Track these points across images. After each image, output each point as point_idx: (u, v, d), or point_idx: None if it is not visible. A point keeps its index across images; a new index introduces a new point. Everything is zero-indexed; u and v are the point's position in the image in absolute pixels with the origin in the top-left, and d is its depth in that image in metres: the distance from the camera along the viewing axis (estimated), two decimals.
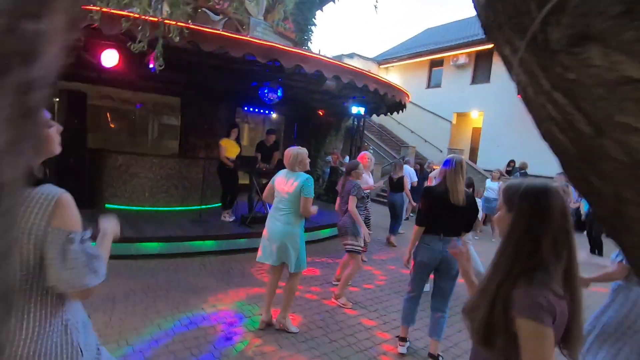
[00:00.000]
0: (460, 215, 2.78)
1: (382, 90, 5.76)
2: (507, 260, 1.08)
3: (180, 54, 4.97)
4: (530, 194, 1.10)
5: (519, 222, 1.09)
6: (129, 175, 6.10)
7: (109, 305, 3.29)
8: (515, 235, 1.09)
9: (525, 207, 1.09)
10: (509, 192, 1.17)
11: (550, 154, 1.99)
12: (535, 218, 1.07)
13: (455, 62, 14.75)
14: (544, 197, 1.08)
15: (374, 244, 6.51)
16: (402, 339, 3.04)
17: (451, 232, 2.81)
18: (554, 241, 1.04)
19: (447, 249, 1.55)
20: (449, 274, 2.82)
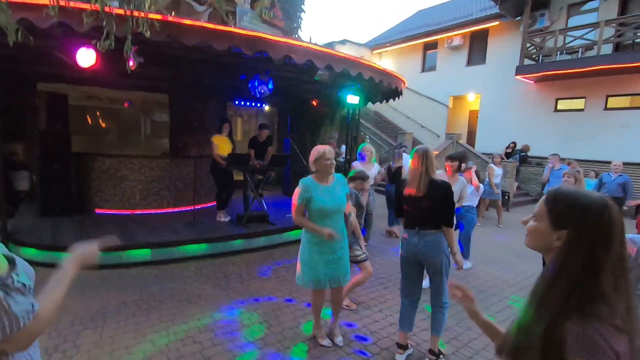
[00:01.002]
0: (432, 207, 2.63)
1: (377, 78, 5.50)
2: (560, 295, 0.87)
3: (163, 48, 4.70)
4: (595, 212, 0.88)
5: (578, 247, 0.87)
6: (118, 179, 5.88)
7: (99, 321, 3.12)
8: (572, 263, 0.87)
9: (587, 227, 0.87)
10: (559, 203, 0.94)
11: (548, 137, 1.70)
12: (599, 242, 0.86)
13: (450, 44, 14.40)
14: (609, 216, 0.87)
15: (375, 237, 6.36)
16: (400, 345, 2.88)
17: (426, 224, 2.68)
18: (614, 271, 0.84)
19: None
20: (433, 267, 2.72)
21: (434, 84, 15.12)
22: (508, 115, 12.61)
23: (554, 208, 0.95)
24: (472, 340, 3.17)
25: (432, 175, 2.66)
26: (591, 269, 0.85)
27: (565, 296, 0.86)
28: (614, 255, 0.84)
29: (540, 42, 11.22)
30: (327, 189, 2.73)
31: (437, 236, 2.68)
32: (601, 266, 0.84)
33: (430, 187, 2.62)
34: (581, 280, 0.85)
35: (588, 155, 10.49)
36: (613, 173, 6.37)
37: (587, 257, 0.86)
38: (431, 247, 2.66)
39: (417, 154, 2.71)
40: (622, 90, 10.13)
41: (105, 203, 5.90)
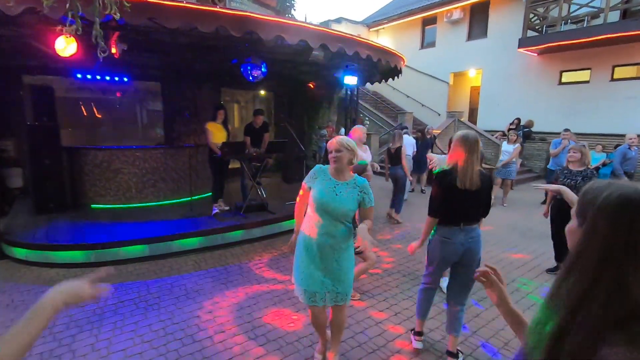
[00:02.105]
0: (479, 200, 2.45)
1: (376, 57, 5.24)
2: (569, 299, 0.72)
3: (148, 34, 4.46)
4: (615, 203, 0.71)
5: (593, 245, 0.72)
6: (112, 172, 5.72)
7: (95, 323, 3.02)
8: (585, 265, 0.72)
9: (604, 222, 0.71)
10: (586, 196, 0.79)
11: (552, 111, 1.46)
12: (619, 240, 0.69)
13: (449, 18, 13.89)
14: (634, 208, 0.70)
15: (376, 222, 6.23)
16: (417, 332, 2.79)
17: (472, 220, 2.49)
18: None
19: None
20: (471, 265, 2.48)
21: (433, 60, 14.69)
22: (511, 91, 12.27)
23: (580, 202, 0.80)
24: (480, 329, 3.07)
25: (478, 166, 2.41)
26: (611, 271, 0.69)
27: (578, 300, 0.70)
28: None
29: (543, 12, 10.78)
30: (334, 184, 2.25)
31: (479, 230, 2.53)
32: (625, 269, 0.68)
33: (481, 180, 2.39)
34: (598, 283, 0.69)
35: (594, 128, 10.23)
36: (631, 148, 6.16)
37: (602, 256, 0.70)
38: (476, 243, 2.49)
39: (467, 143, 2.34)
40: (629, 60, 9.77)
41: (100, 198, 5.76)
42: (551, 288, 0.78)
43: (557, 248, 4.15)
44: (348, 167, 2.29)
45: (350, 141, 2.27)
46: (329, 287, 2.28)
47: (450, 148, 2.48)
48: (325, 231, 2.23)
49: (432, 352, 2.75)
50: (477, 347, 2.83)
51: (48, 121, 5.33)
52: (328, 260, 2.26)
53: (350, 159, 2.27)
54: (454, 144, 2.43)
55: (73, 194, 5.75)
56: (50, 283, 3.70)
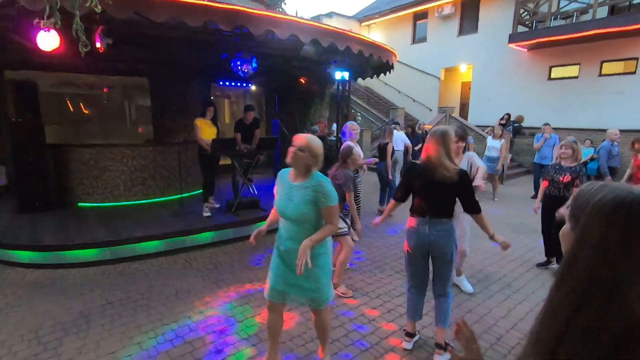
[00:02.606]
0: (450, 194, 2.44)
1: (367, 52, 5.19)
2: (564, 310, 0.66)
3: (135, 28, 4.34)
4: (608, 206, 0.67)
5: (587, 250, 0.66)
6: (99, 170, 5.59)
7: (82, 325, 2.95)
8: (579, 271, 0.66)
9: (597, 225, 0.66)
10: (578, 199, 0.75)
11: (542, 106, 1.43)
12: (615, 244, 0.63)
13: (440, 13, 13.89)
14: (629, 210, 0.65)
15: (368, 217, 6.22)
16: (408, 334, 2.78)
17: (440, 213, 2.48)
18: None
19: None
20: (443, 259, 2.53)
21: (425, 56, 14.69)
22: (501, 86, 12.35)
23: (573, 206, 0.76)
24: (472, 325, 3.08)
25: (451, 160, 2.41)
26: (607, 278, 0.64)
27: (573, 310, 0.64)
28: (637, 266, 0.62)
29: (533, 8, 10.84)
30: (290, 187, 2.13)
31: (449, 225, 2.50)
32: (622, 275, 0.62)
33: (452, 174, 2.38)
34: (594, 292, 0.64)
35: (582, 123, 10.36)
36: (613, 142, 6.22)
37: (598, 262, 0.64)
38: (444, 237, 2.48)
39: (434, 137, 2.42)
40: (616, 55, 9.90)
41: (87, 196, 5.64)
42: (546, 301, 0.72)
43: (547, 243, 4.19)
44: (310, 168, 2.11)
45: (320, 148, 2.11)
46: (300, 291, 2.22)
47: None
48: (289, 235, 2.16)
49: (425, 350, 2.75)
50: None
51: (32, 117, 5.17)
52: (288, 255, 2.18)
53: (309, 165, 2.08)
54: (426, 139, 2.51)
55: (59, 192, 5.61)
56: (35, 285, 3.61)
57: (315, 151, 2.07)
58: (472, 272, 4.11)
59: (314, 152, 2.07)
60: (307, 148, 2.06)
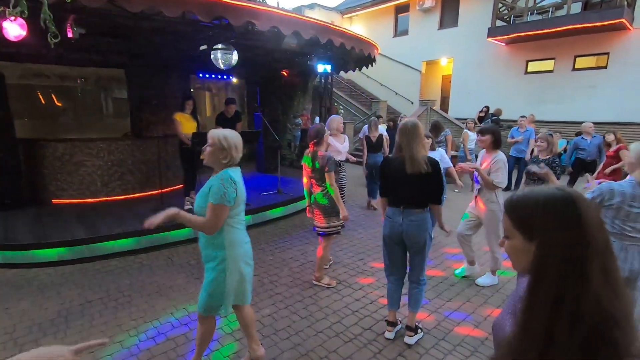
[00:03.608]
0: (421, 185, 2.51)
1: (349, 45, 5.18)
2: (546, 314, 0.70)
3: (109, 17, 4.18)
4: (557, 207, 0.74)
5: (553, 255, 0.72)
6: (74, 165, 5.40)
7: (61, 325, 2.87)
8: (554, 271, 0.71)
9: (555, 228, 0.73)
10: (519, 210, 0.79)
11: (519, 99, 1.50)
12: (575, 236, 0.71)
13: (422, 5, 13.97)
14: (573, 204, 0.73)
15: (354, 210, 6.28)
16: (389, 323, 2.85)
17: (413, 204, 2.57)
18: (604, 266, 0.69)
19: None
20: (415, 248, 2.64)
21: (406, 49, 14.78)
22: (480, 79, 12.58)
23: (516, 218, 0.81)
24: (453, 312, 3.17)
25: (421, 152, 2.51)
26: (577, 267, 0.69)
27: (555, 311, 0.69)
28: (598, 250, 0.70)
29: (511, 2, 11.04)
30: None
31: (422, 215, 2.58)
32: (586, 262, 0.69)
33: (420, 165, 2.46)
34: (569, 285, 0.69)
35: (558, 116, 10.70)
36: (586, 135, 6.38)
37: (566, 265, 0.70)
38: (416, 227, 2.57)
39: (405, 129, 2.51)
40: (589, 50, 10.23)
41: (62, 192, 5.44)
42: (519, 314, 0.76)
43: None
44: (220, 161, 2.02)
45: (231, 139, 2.00)
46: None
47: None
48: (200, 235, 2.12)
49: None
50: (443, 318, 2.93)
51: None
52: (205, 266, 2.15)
53: (220, 158, 1.99)
54: (397, 133, 2.58)
55: (32, 189, 5.40)
56: (9, 285, 3.49)
57: (221, 143, 1.97)
58: (452, 261, 4.23)
59: (221, 145, 1.98)
60: (213, 143, 1.99)
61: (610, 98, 9.87)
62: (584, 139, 6.38)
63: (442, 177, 2.60)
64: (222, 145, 1.98)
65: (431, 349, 2.68)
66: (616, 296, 0.68)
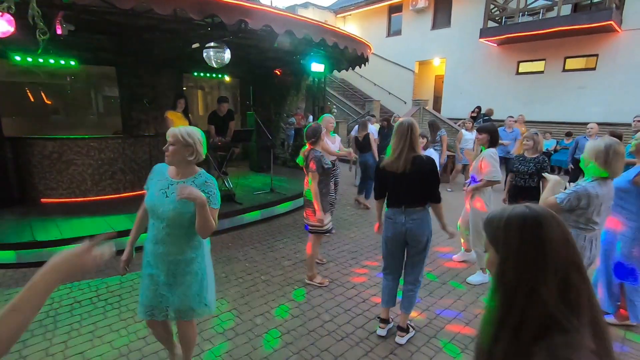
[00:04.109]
0: (417, 184, 2.53)
1: (342, 44, 5.18)
2: (504, 324, 0.78)
3: (100, 14, 4.13)
4: (515, 224, 0.81)
5: (508, 266, 0.80)
6: (64, 164, 5.33)
7: (49, 326, 2.84)
8: (507, 285, 0.79)
9: (512, 243, 0.80)
10: (491, 227, 0.87)
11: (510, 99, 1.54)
12: (528, 256, 0.77)
13: (415, 6, 14.04)
14: (534, 225, 0.79)
15: (346, 210, 6.30)
16: (382, 320, 2.86)
17: (413, 202, 2.58)
18: (564, 285, 0.74)
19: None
20: (417, 247, 2.64)
21: (399, 49, 14.84)
22: (472, 80, 12.69)
23: (488, 234, 0.88)
24: (444, 310, 3.20)
25: (417, 151, 2.52)
26: (529, 287, 0.76)
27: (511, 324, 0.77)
28: (557, 267, 0.75)
29: (503, 4, 11.15)
30: (169, 184, 1.91)
31: (423, 214, 2.59)
32: (540, 283, 0.75)
33: (415, 164, 2.47)
34: (520, 301, 0.76)
35: (547, 116, 10.84)
36: (588, 136, 6.47)
37: (519, 276, 0.78)
38: (418, 225, 2.57)
39: (400, 129, 2.51)
40: (579, 52, 10.38)
41: (51, 191, 5.36)
42: (483, 317, 0.85)
43: None
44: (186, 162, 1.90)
45: (193, 134, 1.88)
46: (169, 301, 1.97)
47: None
48: (158, 238, 1.91)
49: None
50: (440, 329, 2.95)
51: None
52: (165, 272, 1.94)
53: (185, 156, 1.87)
54: (392, 133, 2.58)
55: (20, 187, 5.31)
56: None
57: (184, 139, 1.85)
58: (443, 260, 4.26)
59: (185, 141, 1.85)
60: (177, 140, 1.85)
61: (599, 99, 10.02)
62: (586, 138, 6.49)
63: (437, 175, 2.60)
64: (187, 141, 1.84)
65: (423, 347, 2.70)
66: (572, 312, 0.73)
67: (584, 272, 0.78)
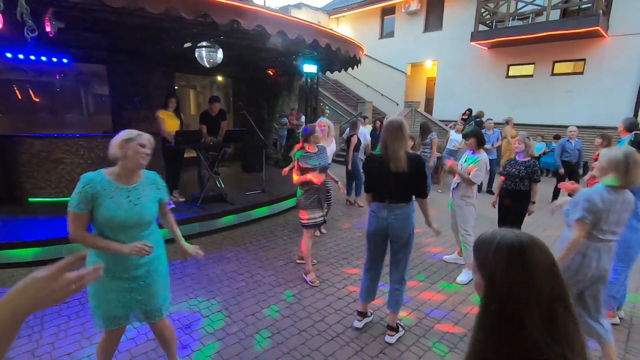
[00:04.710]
0: (404, 181, 2.59)
1: (335, 45, 5.21)
2: (485, 351, 0.78)
3: (91, 12, 4.10)
4: (502, 250, 0.80)
5: (495, 292, 0.79)
6: (52, 163, 5.25)
7: (36, 327, 2.80)
8: (491, 312, 0.78)
9: (500, 267, 0.79)
10: (480, 251, 0.86)
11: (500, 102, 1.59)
12: (516, 282, 0.76)
13: (407, 8, 14.15)
14: (520, 252, 0.78)
15: (337, 209, 6.32)
16: (360, 313, 2.93)
17: (397, 198, 2.63)
18: (547, 317, 0.73)
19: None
20: (400, 242, 2.69)
21: (392, 50, 14.94)
22: (464, 82, 12.83)
23: (477, 257, 0.87)
24: (433, 310, 3.24)
25: (406, 148, 2.58)
26: (513, 317, 0.75)
27: (492, 354, 0.76)
28: (541, 298, 0.74)
29: (493, 8, 11.30)
30: (127, 192, 1.85)
31: (406, 210, 2.64)
32: (523, 312, 0.74)
33: (404, 161, 2.53)
34: (504, 327, 0.75)
35: (536, 119, 11.01)
36: (571, 140, 6.57)
37: (502, 305, 0.77)
38: (401, 221, 2.62)
39: (391, 128, 2.56)
40: (567, 56, 10.57)
41: (39, 191, 5.28)
42: (469, 346, 0.83)
43: None
44: None
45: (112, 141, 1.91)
46: (139, 305, 1.94)
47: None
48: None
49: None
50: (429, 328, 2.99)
51: None
52: (144, 275, 1.92)
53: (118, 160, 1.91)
54: (382, 131, 2.65)
55: (7, 186, 5.22)
56: None
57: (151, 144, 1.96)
58: (433, 260, 4.31)
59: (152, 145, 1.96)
60: (152, 145, 2.00)
61: (585, 102, 10.22)
62: (569, 142, 6.59)
63: (425, 172, 2.65)
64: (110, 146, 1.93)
65: (412, 346, 2.73)
66: (556, 344, 0.72)
67: (570, 306, 0.77)
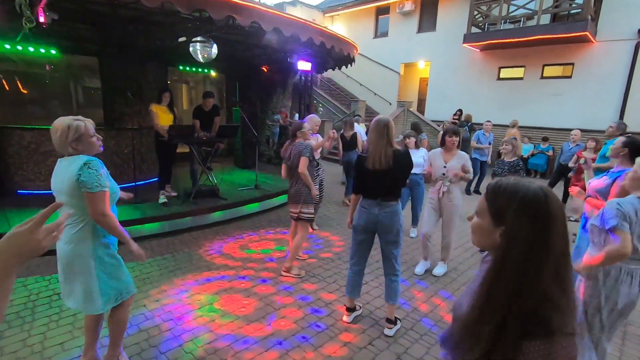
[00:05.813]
0: (393, 178, 2.67)
1: (329, 44, 5.25)
2: (502, 298, 0.81)
3: (85, 4, 4.07)
4: (531, 205, 0.82)
5: (516, 243, 0.81)
6: (41, 155, 5.21)
7: (27, 317, 2.80)
8: (513, 263, 0.81)
9: (525, 223, 0.81)
10: (498, 198, 0.87)
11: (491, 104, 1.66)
12: (538, 238, 0.79)
13: (401, 9, 14.24)
14: (546, 209, 0.81)
15: (330, 207, 6.39)
16: (348, 309, 3.02)
17: (389, 196, 2.72)
18: (557, 270, 0.79)
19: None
20: (389, 237, 2.77)
21: (386, 50, 15.03)
22: (456, 83, 12.98)
23: (493, 203, 0.88)
24: (422, 303, 3.33)
25: (394, 146, 2.65)
26: (533, 265, 0.79)
27: (509, 300, 0.80)
28: (556, 251, 0.80)
29: (486, 10, 11.46)
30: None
31: (396, 207, 2.73)
32: (542, 262, 0.79)
33: (394, 160, 2.60)
34: (524, 278, 0.79)
35: (525, 121, 11.20)
36: (571, 143, 6.69)
37: (527, 257, 0.80)
38: (390, 217, 2.71)
39: (378, 127, 2.63)
40: (556, 60, 10.78)
41: (28, 182, 5.24)
42: (482, 292, 0.86)
43: None
44: None
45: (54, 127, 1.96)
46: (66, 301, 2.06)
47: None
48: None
49: (375, 321, 2.94)
50: (416, 321, 3.07)
51: None
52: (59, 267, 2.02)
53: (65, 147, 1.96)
54: (369, 130, 2.71)
55: None
56: None
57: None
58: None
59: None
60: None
61: (573, 105, 10.45)
62: (569, 144, 6.71)
63: (408, 167, 2.73)
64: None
65: (400, 338, 2.80)
66: (563, 293, 0.79)
67: (569, 256, 0.82)
